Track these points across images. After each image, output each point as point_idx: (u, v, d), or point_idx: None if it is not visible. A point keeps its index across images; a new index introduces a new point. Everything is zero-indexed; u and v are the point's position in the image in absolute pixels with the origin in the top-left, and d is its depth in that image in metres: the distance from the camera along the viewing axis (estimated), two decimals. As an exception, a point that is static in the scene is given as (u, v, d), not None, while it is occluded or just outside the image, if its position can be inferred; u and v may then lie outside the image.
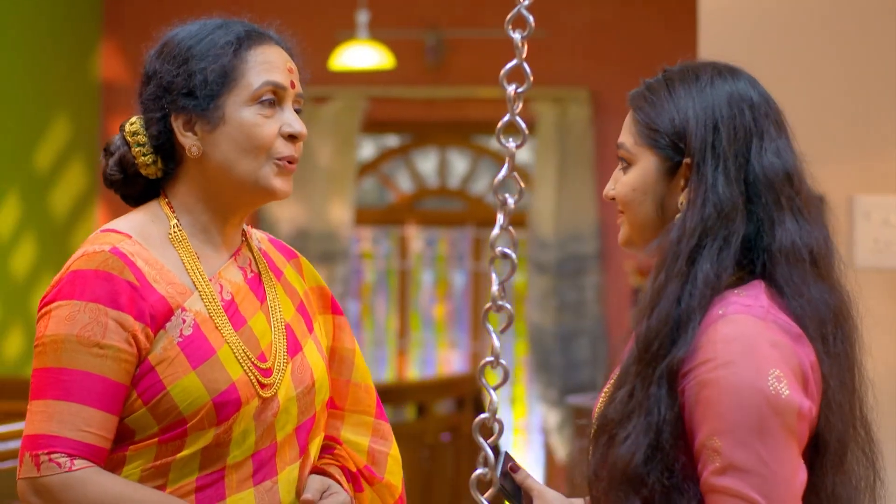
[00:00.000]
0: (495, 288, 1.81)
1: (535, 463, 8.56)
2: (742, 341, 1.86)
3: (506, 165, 1.83)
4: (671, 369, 1.88)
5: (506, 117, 1.82)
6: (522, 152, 8.66)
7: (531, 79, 1.80)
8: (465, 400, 6.60)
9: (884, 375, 2.73)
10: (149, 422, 2.10)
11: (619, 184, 2.04)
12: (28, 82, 7.83)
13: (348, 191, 8.44)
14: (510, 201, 1.82)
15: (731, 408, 1.84)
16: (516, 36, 1.82)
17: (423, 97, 8.50)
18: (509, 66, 1.81)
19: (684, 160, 1.97)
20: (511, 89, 1.82)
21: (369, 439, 2.37)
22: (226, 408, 2.10)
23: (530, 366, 8.40)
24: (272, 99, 2.18)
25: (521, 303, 8.59)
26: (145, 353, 2.10)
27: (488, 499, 1.82)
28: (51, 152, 8.03)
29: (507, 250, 1.83)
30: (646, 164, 2.01)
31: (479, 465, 1.81)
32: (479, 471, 1.81)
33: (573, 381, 8.11)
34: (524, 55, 1.82)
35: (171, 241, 2.18)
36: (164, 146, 2.19)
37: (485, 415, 1.80)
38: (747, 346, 1.86)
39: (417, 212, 8.88)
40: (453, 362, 8.91)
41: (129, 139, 2.21)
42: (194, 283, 2.16)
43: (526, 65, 1.81)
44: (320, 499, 2.20)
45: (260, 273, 2.27)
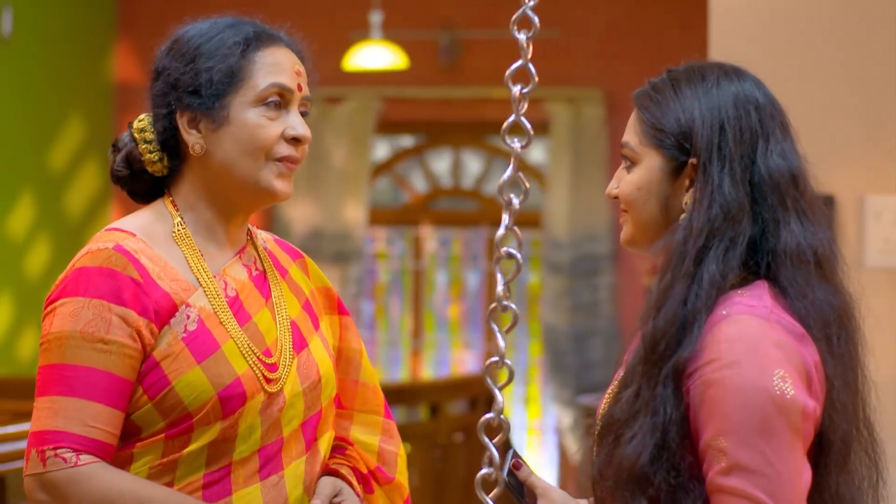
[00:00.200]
0: (500, 288, 1.81)
1: (549, 463, 8.55)
2: (746, 341, 1.87)
3: (511, 165, 1.83)
4: (677, 369, 1.89)
5: (511, 118, 1.82)
6: (536, 153, 8.65)
7: (536, 79, 1.80)
8: (477, 400, 6.58)
9: (887, 377, 2.72)
10: (155, 417, 2.11)
11: (622, 182, 2.04)
12: (42, 83, 7.85)
13: (362, 191, 8.44)
14: (515, 201, 1.82)
15: (736, 408, 1.84)
16: (521, 36, 1.82)
17: (436, 97, 8.50)
18: (514, 66, 1.81)
19: (689, 160, 1.98)
20: (516, 90, 1.82)
21: (379, 439, 2.39)
22: (231, 402, 2.11)
23: (544, 366, 8.40)
24: (278, 101, 2.19)
25: (535, 303, 8.59)
26: (150, 349, 2.11)
27: (493, 498, 1.82)
28: (65, 152, 8.05)
29: (512, 250, 1.83)
30: (650, 164, 2.01)
31: (484, 464, 1.81)
32: (483, 470, 1.81)
33: (587, 382, 8.10)
34: (529, 56, 1.82)
35: (174, 239, 2.19)
36: (170, 143, 2.21)
37: (490, 414, 1.81)
38: (752, 346, 1.86)
39: (431, 212, 8.88)
40: (467, 362, 8.90)
41: (136, 136, 2.23)
42: (198, 280, 2.17)
43: (531, 65, 1.81)
44: None
45: (265, 271, 2.28)
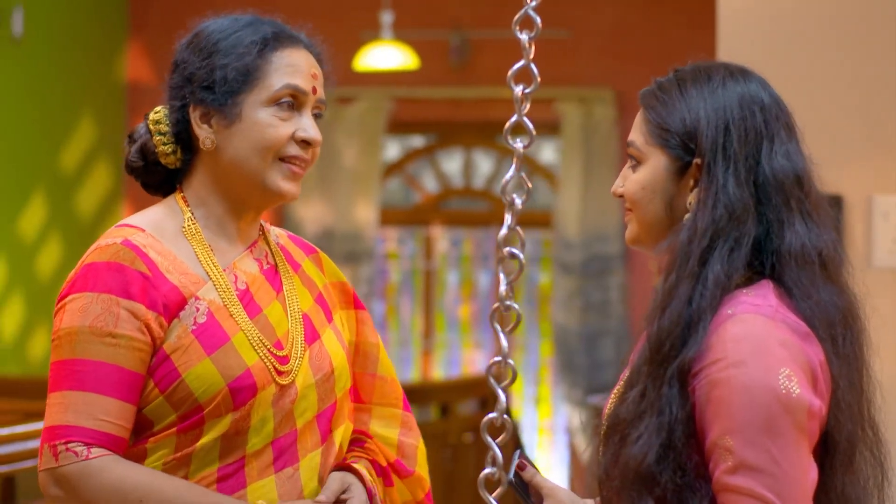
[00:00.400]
0: (503, 288, 1.81)
1: (560, 463, 8.55)
2: (752, 340, 1.87)
3: (513, 166, 1.83)
4: (682, 369, 1.89)
5: (513, 118, 1.82)
6: (547, 153, 8.65)
7: (538, 79, 1.80)
8: (488, 400, 6.58)
9: (892, 377, 2.72)
10: (166, 410, 2.12)
11: (628, 181, 2.05)
12: (54, 83, 7.87)
13: (373, 191, 8.45)
14: (517, 202, 1.82)
15: (742, 407, 1.84)
16: (523, 37, 1.82)
17: (447, 97, 8.50)
18: (516, 66, 1.81)
19: (694, 160, 1.98)
20: (518, 90, 1.82)
21: (398, 432, 2.39)
22: (241, 393, 2.12)
23: (555, 366, 8.39)
24: (291, 102, 2.20)
25: (545, 303, 8.58)
26: (160, 343, 2.13)
27: (497, 498, 1.82)
28: (77, 153, 8.06)
29: (514, 250, 1.83)
30: (655, 163, 2.01)
31: (487, 464, 1.81)
32: (486, 470, 1.81)
33: (598, 382, 8.10)
34: (531, 56, 1.82)
35: (184, 233, 2.21)
36: (183, 136, 2.23)
37: (492, 414, 1.81)
38: (757, 345, 1.86)
39: (442, 212, 8.88)
40: (478, 363, 8.90)
41: (151, 128, 2.25)
42: (208, 274, 2.18)
43: (534, 66, 1.82)
44: (336, 501, 2.21)
45: (276, 265, 2.29)
